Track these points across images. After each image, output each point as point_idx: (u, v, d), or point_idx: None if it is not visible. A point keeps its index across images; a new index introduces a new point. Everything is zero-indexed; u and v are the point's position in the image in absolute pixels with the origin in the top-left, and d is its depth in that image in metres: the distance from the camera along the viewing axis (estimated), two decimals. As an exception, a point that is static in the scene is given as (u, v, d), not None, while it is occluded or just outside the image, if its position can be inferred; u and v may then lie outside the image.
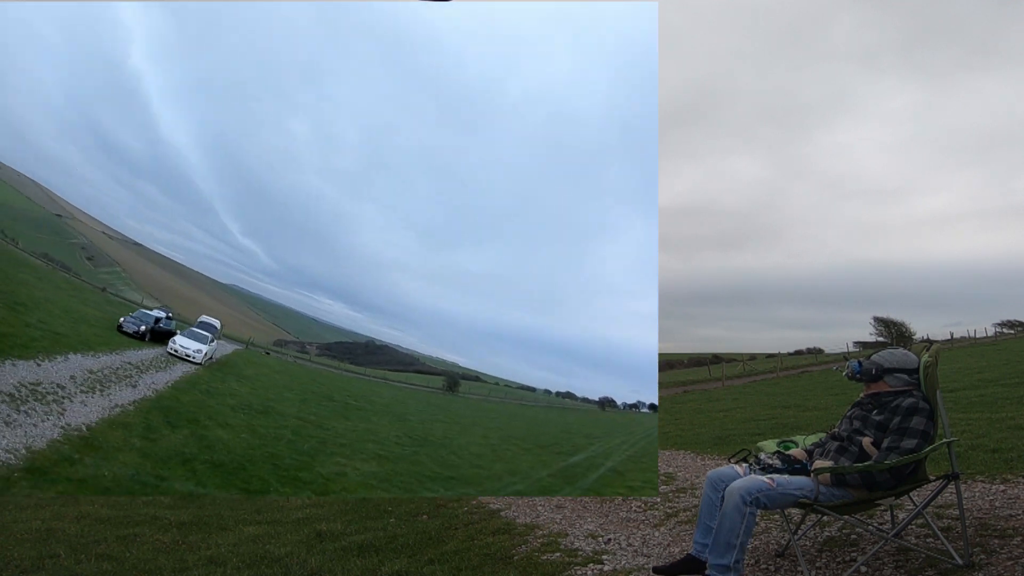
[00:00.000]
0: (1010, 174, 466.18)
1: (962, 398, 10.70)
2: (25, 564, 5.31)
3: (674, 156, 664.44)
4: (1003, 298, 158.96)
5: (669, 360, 65.36)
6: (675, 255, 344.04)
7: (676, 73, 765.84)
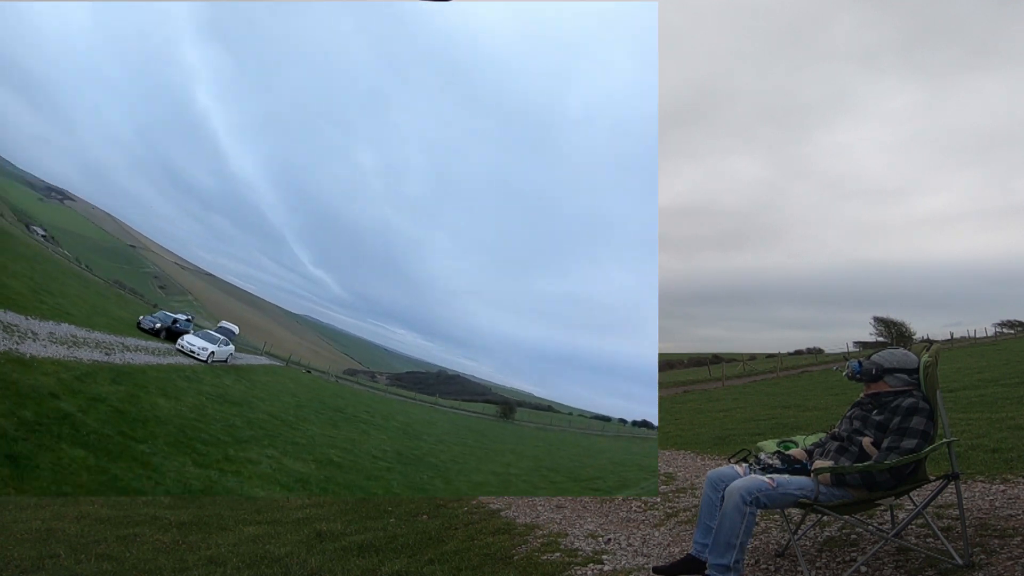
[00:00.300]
0: (1010, 174, 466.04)
1: (962, 398, 10.70)
2: (25, 564, 5.31)
3: (674, 156, 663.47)
4: (1003, 298, 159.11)
5: (669, 360, 65.37)
6: (674, 255, 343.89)
7: (676, 73, 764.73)
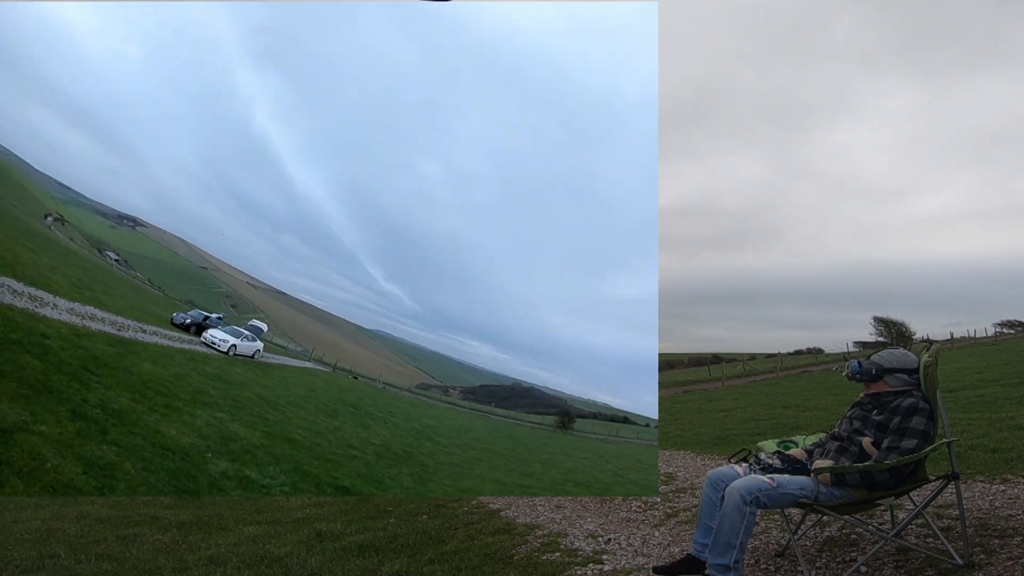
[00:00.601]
0: (1010, 174, 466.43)
1: (962, 398, 10.70)
2: (25, 564, 5.31)
3: (674, 156, 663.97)
4: (1003, 298, 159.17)
5: (669, 360, 65.37)
6: (674, 255, 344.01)
7: (676, 73, 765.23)
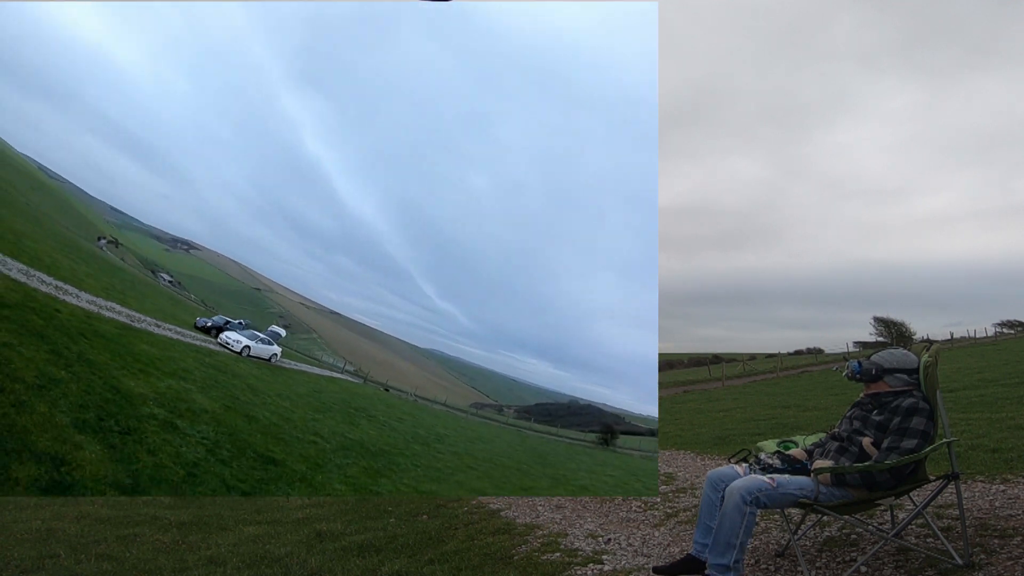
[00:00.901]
0: (1010, 174, 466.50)
1: (962, 398, 10.70)
2: (25, 564, 5.31)
3: (674, 156, 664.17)
4: (1003, 298, 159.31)
5: (669, 360, 65.38)
6: (674, 255, 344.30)
7: (676, 73, 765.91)
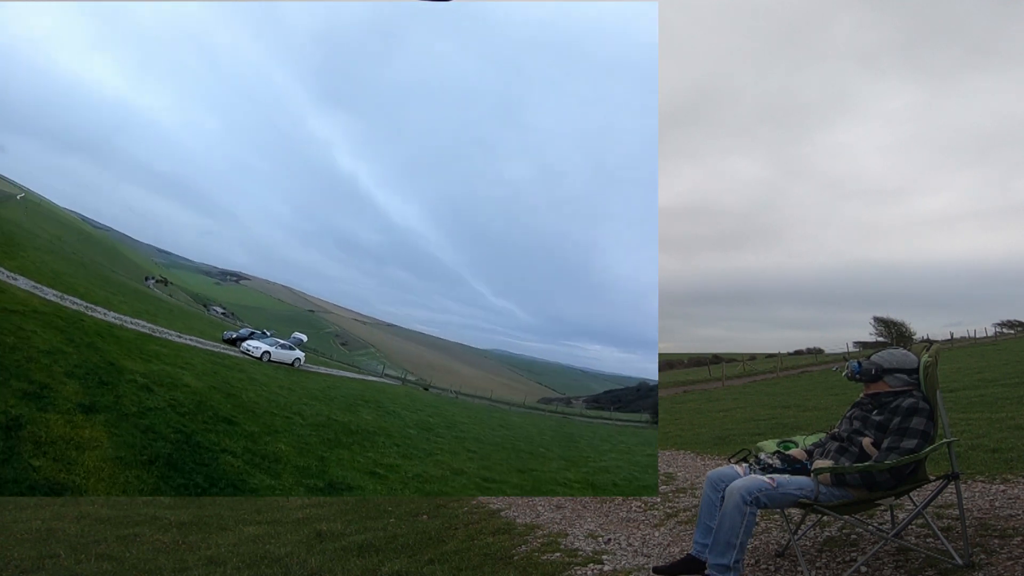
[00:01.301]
0: (1010, 174, 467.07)
1: (962, 398, 10.70)
2: (25, 564, 5.31)
3: (674, 156, 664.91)
4: (1003, 298, 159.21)
5: (669, 360, 65.39)
6: (674, 255, 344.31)
7: (676, 73, 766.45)
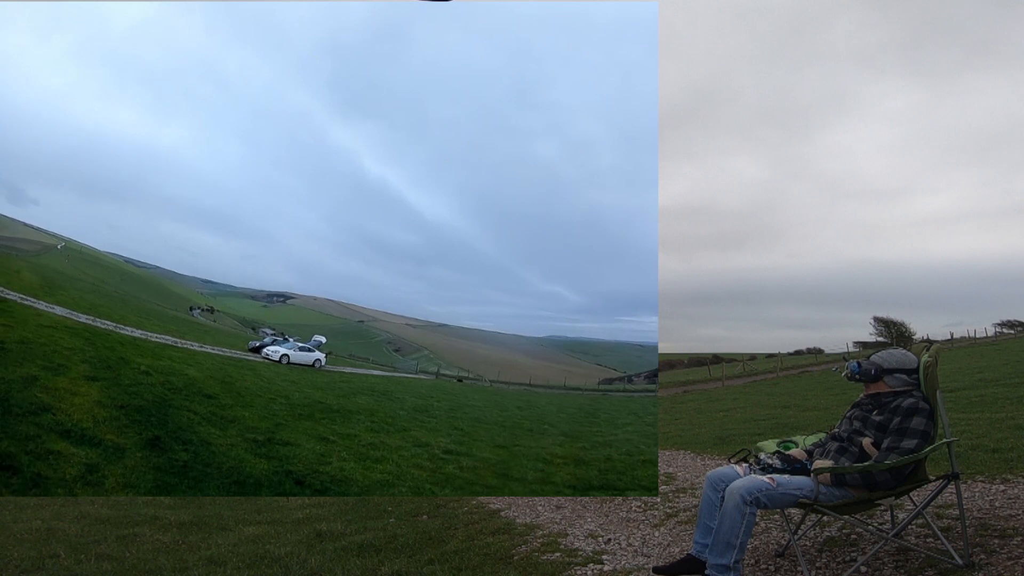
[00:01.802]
0: (1010, 174, 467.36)
1: (962, 398, 10.70)
2: (25, 564, 5.31)
3: (674, 156, 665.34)
4: (1003, 298, 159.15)
5: (669, 360, 65.42)
6: (674, 255, 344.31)
7: (676, 73, 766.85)
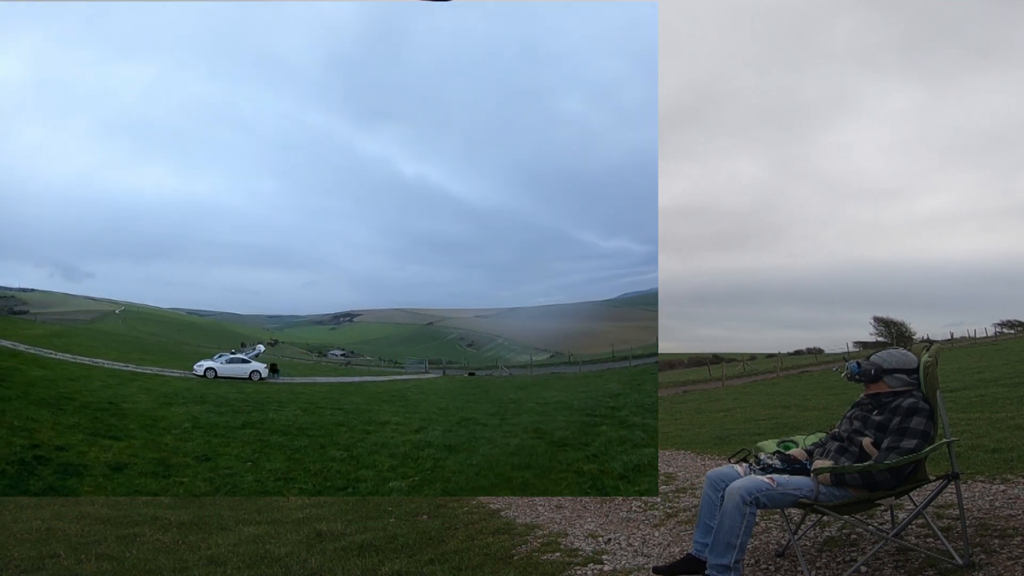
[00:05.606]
0: (1010, 174, 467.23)
1: (962, 398, 10.70)
2: (25, 564, 5.30)
3: (674, 156, 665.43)
4: (1003, 298, 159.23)
5: (669, 360, 65.30)
6: (674, 255, 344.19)
7: (676, 74, 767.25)
